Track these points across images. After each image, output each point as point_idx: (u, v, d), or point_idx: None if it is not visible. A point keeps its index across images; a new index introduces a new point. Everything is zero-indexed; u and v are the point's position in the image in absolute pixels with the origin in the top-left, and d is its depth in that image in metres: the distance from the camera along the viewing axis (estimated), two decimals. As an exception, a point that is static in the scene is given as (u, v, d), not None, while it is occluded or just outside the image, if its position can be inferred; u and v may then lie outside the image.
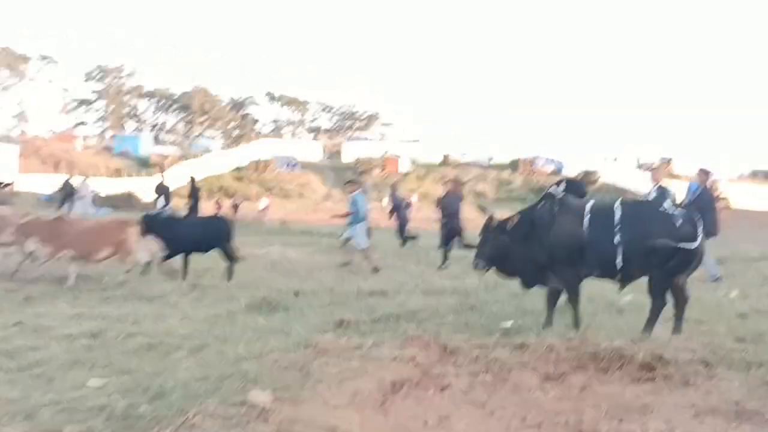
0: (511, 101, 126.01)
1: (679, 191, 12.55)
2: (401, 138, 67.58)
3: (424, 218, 26.56)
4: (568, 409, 4.88)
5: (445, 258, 13.48)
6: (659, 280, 7.04)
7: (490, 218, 7.64)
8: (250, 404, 4.50)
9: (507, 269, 7.64)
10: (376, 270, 12.32)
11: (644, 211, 7.21)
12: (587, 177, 44.19)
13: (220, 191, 42.00)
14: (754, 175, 52.06)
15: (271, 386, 4.96)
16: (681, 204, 7.99)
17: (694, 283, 10.23)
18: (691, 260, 7.51)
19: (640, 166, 50.33)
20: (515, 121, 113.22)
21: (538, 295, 7.71)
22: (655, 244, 6.81)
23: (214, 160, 51.68)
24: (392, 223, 19.18)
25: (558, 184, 7.57)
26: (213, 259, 11.82)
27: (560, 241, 7.08)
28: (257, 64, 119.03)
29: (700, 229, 7.08)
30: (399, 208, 18.93)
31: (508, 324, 7.28)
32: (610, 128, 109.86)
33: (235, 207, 34.91)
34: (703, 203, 9.84)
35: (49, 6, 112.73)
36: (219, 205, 35.70)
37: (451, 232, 13.79)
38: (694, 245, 6.89)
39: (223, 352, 6.12)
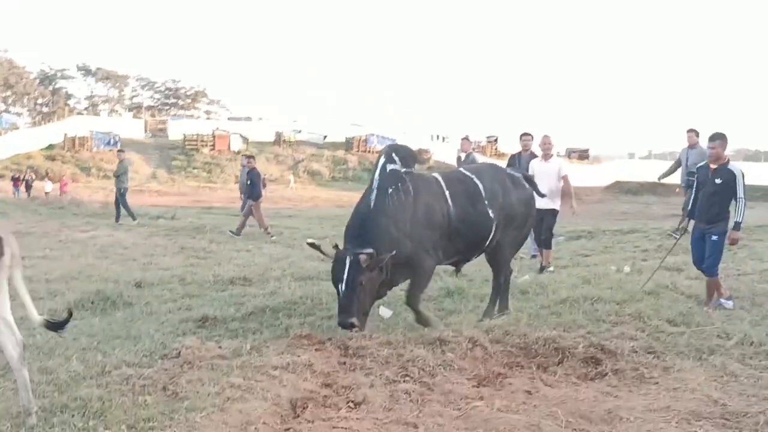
0: (347, 78, 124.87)
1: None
2: (231, 115, 64.77)
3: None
4: (521, 423, 3.82)
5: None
6: (510, 249, 6.49)
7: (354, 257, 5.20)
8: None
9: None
10: None
11: (497, 176, 6.34)
12: (421, 154, 44.27)
13: (29, 171, 37.51)
14: (568, 154, 54.85)
15: (126, 421, 3.55)
16: None
17: (585, 260, 9.76)
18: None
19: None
20: (351, 99, 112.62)
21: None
22: None
23: (22, 138, 46.54)
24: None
25: (389, 159, 5.67)
26: (24, 244, 9.75)
27: (426, 224, 5.60)
28: (70, 35, 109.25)
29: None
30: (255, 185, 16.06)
31: (388, 313, 6.08)
32: (441, 109, 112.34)
33: (27, 185, 32.78)
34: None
35: None
36: (15, 182, 32.66)
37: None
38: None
39: (50, 369, 4.55)
